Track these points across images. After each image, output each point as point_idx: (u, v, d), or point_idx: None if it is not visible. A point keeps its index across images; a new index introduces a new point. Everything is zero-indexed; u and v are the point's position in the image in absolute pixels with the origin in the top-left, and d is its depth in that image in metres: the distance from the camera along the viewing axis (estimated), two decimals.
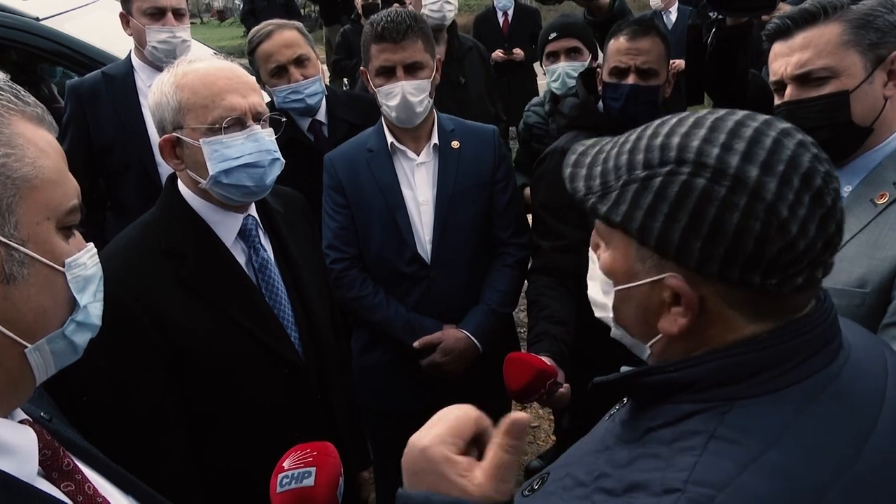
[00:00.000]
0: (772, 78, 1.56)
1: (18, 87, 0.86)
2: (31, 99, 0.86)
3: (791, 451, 0.74)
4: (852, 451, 0.77)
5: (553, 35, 2.92)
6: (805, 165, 0.79)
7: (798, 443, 0.75)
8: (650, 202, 0.81)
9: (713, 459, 0.75)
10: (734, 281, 0.79)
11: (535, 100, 3.20)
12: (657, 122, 0.89)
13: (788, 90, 1.52)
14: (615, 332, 0.96)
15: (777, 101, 1.56)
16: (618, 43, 2.19)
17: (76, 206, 0.87)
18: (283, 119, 1.63)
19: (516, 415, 0.78)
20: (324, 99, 2.65)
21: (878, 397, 0.83)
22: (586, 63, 2.89)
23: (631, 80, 2.15)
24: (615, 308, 0.92)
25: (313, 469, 1.06)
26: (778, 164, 0.78)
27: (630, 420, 0.90)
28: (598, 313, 0.98)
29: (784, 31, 1.51)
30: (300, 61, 2.52)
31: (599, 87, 2.26)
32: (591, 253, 0.96)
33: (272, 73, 2.51)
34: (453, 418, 0.80)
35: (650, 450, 0.81)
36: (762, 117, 0.83)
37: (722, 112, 0.85)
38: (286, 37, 2.51)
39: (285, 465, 1.08)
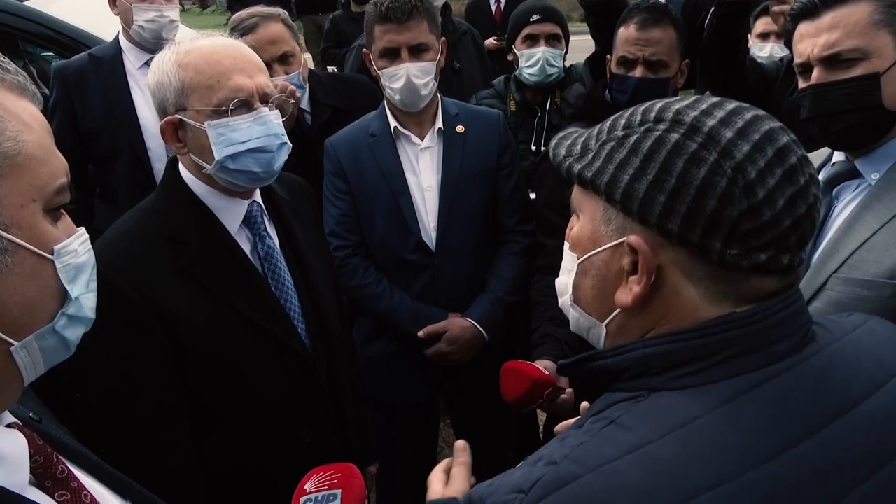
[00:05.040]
0: (797, 60, 1.50)
1: None
2: (12, 67, 0.76)
3: (675, 447, 0.72)
4: (753, 459, 0.72)
5: (536, 17, 2.72)
6: (782, 142, 0.80)
7: (687, 441, 0.73)
8: (623, 157, 0.83)
9: (600, 443, 0.75)
10: (694, 245, 0.78)
11: (483, 93, 2.95)
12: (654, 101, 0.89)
13: (815, 72, 1.46)
14: (573, 315, 0.95)
15: (802, 84, 1.50)
16: (627, 31, 2.11)
17: (64, 185, 0.77)
18: (292, 101, 1.55)
19: (459, 442, 1.16)
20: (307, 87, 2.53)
21: (847, 404, 0.79)
22: (563, 53, 2.74)
23: (638, 72, 2.06)
24: (575, 286, 0.92)
25: (339, 492, 1.02)
26: (754, 133, 0.79)
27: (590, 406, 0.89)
28: (560, 301, 0.98)
29: (811, 11, 1.46)
30: (284, 58, 2.38)
31: (608, 76, 2.19)
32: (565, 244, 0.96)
33: None
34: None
35: (575, 433, 0.81)
36: (755, 108, 0.84)
37: (717, 98, 0.86)
38: (272, 32, 2.36)
39: (307, 487, 1.04)
